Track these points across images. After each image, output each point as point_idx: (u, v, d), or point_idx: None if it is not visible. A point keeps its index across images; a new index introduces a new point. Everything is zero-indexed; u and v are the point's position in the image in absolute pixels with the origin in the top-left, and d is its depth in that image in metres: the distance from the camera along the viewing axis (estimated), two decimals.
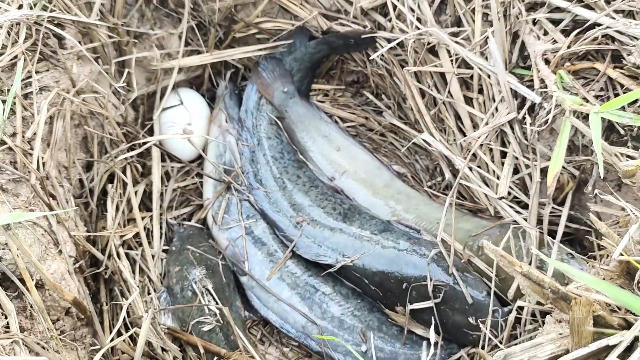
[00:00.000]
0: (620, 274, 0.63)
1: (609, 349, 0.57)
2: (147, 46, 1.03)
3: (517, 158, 0.90)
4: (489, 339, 0.84)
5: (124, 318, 0.83)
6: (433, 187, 1.09)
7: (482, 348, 0.84)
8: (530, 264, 0.85)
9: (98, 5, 0.87)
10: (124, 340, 0.78)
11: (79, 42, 0.87)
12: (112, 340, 0.76)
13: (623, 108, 0.76)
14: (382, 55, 1.02)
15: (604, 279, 0.65)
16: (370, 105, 1.16)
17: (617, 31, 0.80)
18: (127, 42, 0.97)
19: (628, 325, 0.59)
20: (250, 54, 1.08)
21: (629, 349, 0.56)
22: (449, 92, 0.96)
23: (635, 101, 0.76)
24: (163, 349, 0.85)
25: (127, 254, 0.95)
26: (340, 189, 1.05)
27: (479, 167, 0.95)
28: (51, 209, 0.76)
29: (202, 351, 0.80)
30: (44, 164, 0.77)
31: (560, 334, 0.62)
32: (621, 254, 0.60)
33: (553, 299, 0.60)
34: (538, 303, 0.76)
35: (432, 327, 0.68)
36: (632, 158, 0.72)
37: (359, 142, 1.11)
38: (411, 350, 0.94)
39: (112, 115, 0.92)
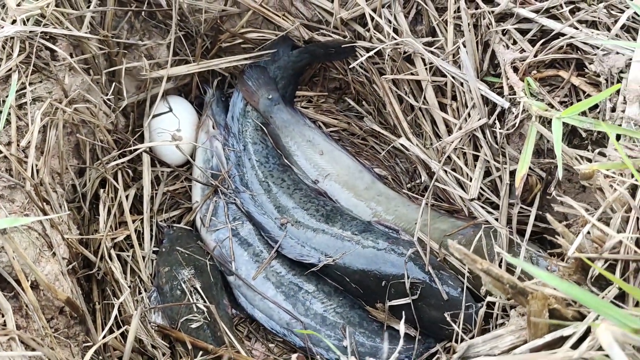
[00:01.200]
0: (576, 271, 0.67)
1: (563, 339, 0.61)
2: (137, 56, 1.07)
3: (488, 161, 0.94)
4: (463, 332, 0.89)
5: (116, 316, 0.87)
6: (413, 189, 1.13)
7: (456, 342, 0.89)
8: (500, 261, 0.90)
9: (88, 19, 0.92)
10: (115, 338, 0.82)
11: (71, 54, 0.92)
12: (104, 337, 0.80)
13: (585, 113, 0.81)
14: (362, 63, 1.07)
15: (562, 275, 0.70)
16: (352, 111, 1.21)
17: (581, 41, 0.85)
18: (117, 53, 1.01)
19: (582, 317, 0.64)
20: (236, 62, 1.12)
21: (582, 340, 0.61)
22: (424, 98, 1.01)
23: (596, 106, 0.81)
24: (153, 346, 0.89)
25: (118, 256, 0.99)
26: (323, 192, 1.10)
27: (453, 170, 1.00)
28: (45, 213, 0.80)
29: (189, 347, 0.85)
30: (37, 171, 0.82)
31: (522, 326, 0.66)
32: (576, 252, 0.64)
33: (512, 293, 0.64)
34: (508, 298, 0.80)
35: (402, 321, 0.73)
36: (591, 161, 0.77)
37: (341, 147, 1.16)
38: (391, 345, 0.98)
39: (103, 123, 0.96)
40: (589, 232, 0.67)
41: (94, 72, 0.98)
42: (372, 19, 1.02)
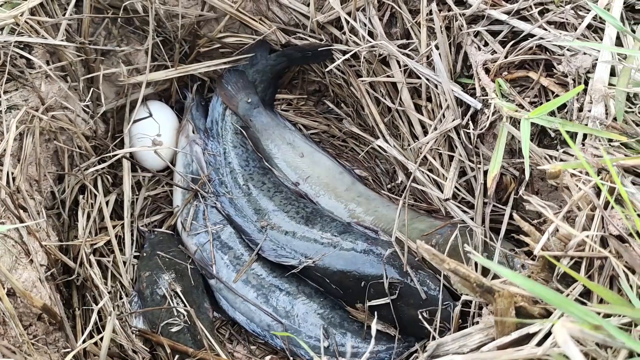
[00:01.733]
0: (543, 268, 0.69)
1: (529, 336, 0.62)
2: (115, 62, 1.07)
3: (463, 161, 0.95)
4: (441, 331, 0.90)
5: (96, 322, 0.88)
6: (393, 190, 1.14)
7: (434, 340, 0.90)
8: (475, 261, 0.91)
9: (64, 26, 0.92)
10: (94, 343, 0.83)
11: (47, 62, 0.92)
12: (83, 341, 0.81)
13: (554, 114, 0.82)
14: (339, 66, 1.08)
15: (531, 273, 0.72)
16: (332, 113, 1.22)
17: (549, 42, 0.86)
18: (94, 60, 1.02)
19: (548, 314, 0.65)
20: (214, 67, 1.13)
21: (548, 337, 0.62)
22: (400, 100, 1.02)
23: (565, 106, 0.82)
24: (134, 351, 0.90)
25: (99, 261, 1.00)
26: (304, 194, 1.11)
27: (430, 170, 1.01)
28: (22, 221, 0.80)
29: (169, 351, 0.85)
30: (14, 179, 0.82)
31: (491, 324, 0.67)
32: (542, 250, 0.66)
33: (480, 292, 0.65)
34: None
35: (374, 321, 0.74)
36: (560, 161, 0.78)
37: (322, 149, 1.17)
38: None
39: (82, 130, 0.97)
40: (556, 231, 0.68)
41: (72, 79, 0.99)
42: (348, 22, 1.03)
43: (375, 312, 0.95)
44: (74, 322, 0.90)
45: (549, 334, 0.62)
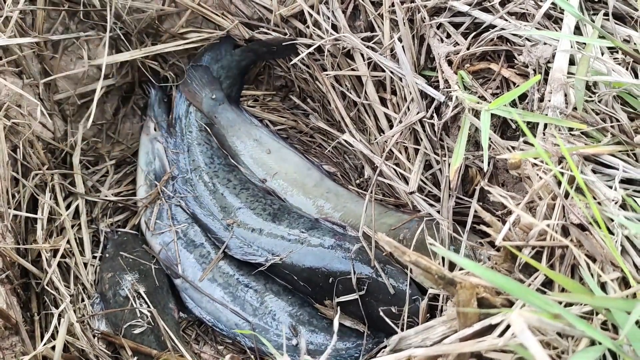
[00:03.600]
0: (505, 259, 0.68)
1: (492, 327, 0.62)
2: (74, 59, 1.04)
3: (428, 154, 0.95)
4: (409, 325, 0.89)
5: (56, 326, 0.85)
6: (361, 185, 1.13)
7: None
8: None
9: (15, 20, 0.89)
10: (52, 348, 0.80)
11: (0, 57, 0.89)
12: (43, 345, 0.78)
13: (515, 104, 0.82)
14: (304, 60, 1.06)
15: (495, 263, 0.71)
16: (299, 109, 1.20)
17: (510, 33, 0.85)
18: (51, 57, 0.99)
19: (510, 305, 0.64)
20: (181, 47, 1.10)
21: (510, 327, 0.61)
22: (365, 94, 1.01)
23: (526, 97, 0.81)
24: (95, 356, 0.88)
25: (60, 263, 0.97)
26: (272, 190, 1.09)
27: (396, 164, 1.00)
28: None
29: (129, 353, 0.83)
30: None
31: (454, 316, 0.67)
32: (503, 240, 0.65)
33: (442, 284, 0.64)
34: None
35: (337, 316, 0.72)
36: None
37: (289, 145, 1.15)
38: (341, 341, 0.98)
39: (38, 130, 0.94)
40: (516, 221, 0.67)
41: (27, 75, 0.96)
42: (311, 15, 1.01)
43: (342, 308, 0.94)
44: (32, 327, 0.88)
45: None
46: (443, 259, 0.91)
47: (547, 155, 0.64)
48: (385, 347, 0.99)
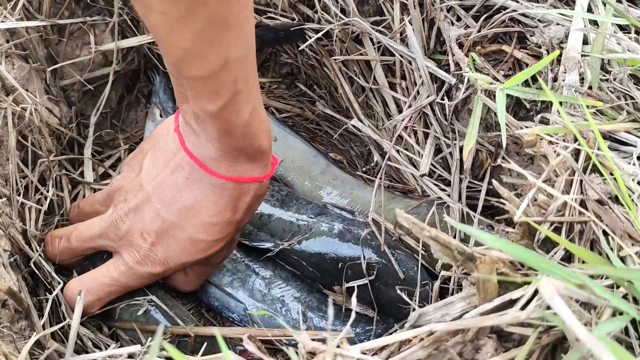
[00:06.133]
0: (523, 235, 0.68)
1: (512, 302, 0.62)
2: (79, 43, 1.03)
3: (439, 138, 0.95)
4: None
5: (63, 312, 0.84)
6: (368, 172, 1.13)
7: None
8: (455, 235, 0.91)
9: (21, 4, 0.88)
10: (61, 328, 0.80)
11: (7, 41, 0.88)
12: (48, 330, 0.77)
13: (528, 84, 0.82)
14: (311, 46, 1.06)
15: (511, 241, 0.71)
16: (305, 96, 1.20)
17: (522, 14, 0.86)
18: (57, 41, 0.98)
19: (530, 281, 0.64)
20: None
21: (530, 302, 0.61)
22: (374, 79, 1.01)
23: (537, 79, 0.82)
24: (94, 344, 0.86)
25: None
26: (278, 177, 1.09)
27: (405, 149, 1.00)
28: None
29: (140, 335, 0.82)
30: None
31: (473, 293, 0.67)
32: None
33: (461, 260, 0.64)
34: (465, 274, 0.80)
35: (354, 300, 0.72)
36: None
37: (295, 132, 1.15)
38: (350, 327, 0.98)
39: (45, 117, 0.93)
40: (535, 198, 0.67)
41: (34, 60, 0.95)
42: (320, 0, 1.01)
43: (354, 294, 0.94)
44: (41, 312, 0.86)
45: (531, 299, 0.62)
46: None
47: (568, 131, 0.64)
48: (395, 332, 0.99)
